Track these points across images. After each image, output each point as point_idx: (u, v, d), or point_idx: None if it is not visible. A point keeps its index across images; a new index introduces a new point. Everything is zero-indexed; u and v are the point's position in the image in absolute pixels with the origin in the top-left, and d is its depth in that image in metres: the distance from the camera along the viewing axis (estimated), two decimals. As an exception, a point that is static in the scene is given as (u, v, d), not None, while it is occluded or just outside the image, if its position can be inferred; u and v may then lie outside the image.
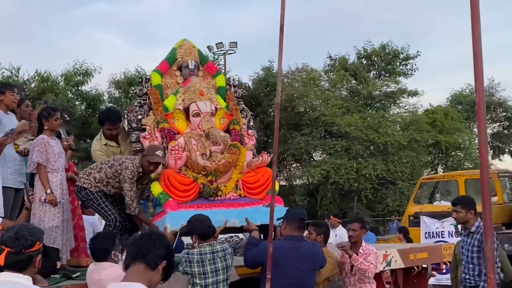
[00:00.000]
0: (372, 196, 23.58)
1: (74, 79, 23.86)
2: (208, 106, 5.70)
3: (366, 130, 22.87)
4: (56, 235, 5.15)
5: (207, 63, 6.28)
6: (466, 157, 26.41)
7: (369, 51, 27.23)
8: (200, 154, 5.54)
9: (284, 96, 24.93)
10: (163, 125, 5.59)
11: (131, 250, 2.35)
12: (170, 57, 6.07)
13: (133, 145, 5.64)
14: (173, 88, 5.94)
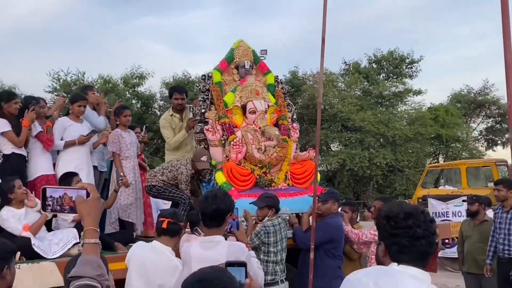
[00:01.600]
0: (382, 181, 23.49)
1: (131, 81, 24.16)
2: (262, 105, 5.66)
3: (377, 125, 22.70)
4: (130, 211, 5.33)
5: (259, 63, 6.16)
6: (464, 148, 25.99)
7: (379, 57, 26.97)
8: (256, 148, 5.48)
9: (307, 95, 24.89)
10: (224, 120, 5.52)
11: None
12: (228, 56, 5.94)
13: (197, 135, 5.61)
14: (231, 85, 5.85)
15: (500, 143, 28.00)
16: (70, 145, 4.95)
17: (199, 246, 2.93)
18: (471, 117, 28.52)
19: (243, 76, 5.83)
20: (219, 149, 5.45)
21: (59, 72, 23.63)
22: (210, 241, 2.91)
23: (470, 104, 27.70)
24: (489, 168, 12.16)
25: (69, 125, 5.04)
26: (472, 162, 13.79)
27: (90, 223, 1.66)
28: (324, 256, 4.50)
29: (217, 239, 2.91)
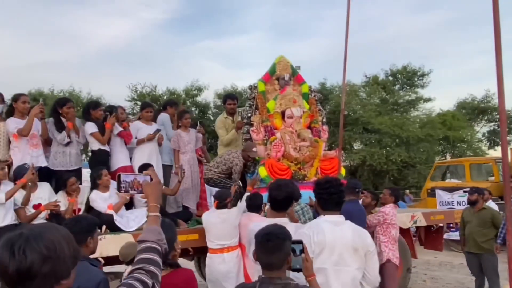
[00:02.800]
0: (397, 175, 22.83)
1: (191, 93, 24.63)
2: (298, 112, 5.66)
3: (393, 128, 22.04)
4: (186, 196, 5.39)
5: (296, 75, 6.12)
6: (468, 148, 24.93)
7: (394, 71, 26.21)
8: (292, 148, 5.46)
9: (333, 103, 24.54)
10: (266, 123, 5.55)
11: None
12: (271, 70, 5.94)
13: (244, 135, 5.70)
14: (272, 94, 5.85)
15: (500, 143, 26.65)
16: (141, 142, 5.13)
17: None
18: (475, 122, 27.23)
19: (283, 87, 5.84)
20: (261, 147, 5.47)
21: (137, 85, 24.36)
22: (278, 222, 2.66)
23: (474, 110, 26.48)
24: (489, 164, 11.65)
25: (141, 127, 5.22)
26: (475, 160, 13.23)
27: (152, 200, 1.74)
28: None
29: (284, 221, 2.77)
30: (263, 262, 1.94)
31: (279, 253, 1.92)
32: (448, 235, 9.27)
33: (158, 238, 1.59)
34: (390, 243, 4.78)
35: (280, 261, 1.93)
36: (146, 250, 1.54)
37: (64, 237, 1.18)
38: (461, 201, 9.77)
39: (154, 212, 1.70)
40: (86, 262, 2.13)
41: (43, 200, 4.20)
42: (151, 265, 1.48)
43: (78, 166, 4.82)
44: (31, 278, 1.08)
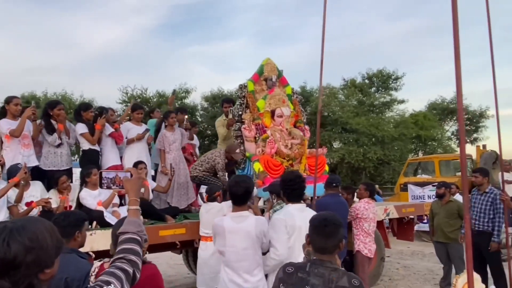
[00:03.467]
0: (373, 172, 23.18)
1: (179, 95, 24.46)
2: (287, 111, 5.70)
3: (369, 127, 22.35)
4: (169, 194, 5.30)
5: (281, 77, 6.15)
6: (439, 145, 25.43)
7: (370, 74, 26.56)
8: (283, 145, 5.47)
9: (314, 105, 24.71)
10: (257, 121, 5.54)
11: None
12: (259, 71, 5.95)
13: (235, 132, 5.65)
14: (261, 94, 5.84)
15: (468, 141, 27.21)
16: (131, 142, 5.09)
17: (231, 220, 2.85)
18: (445, 121, 27.82)
19: (271, 87, 5.86)
20: (253, 144, 5.47)
21: (127, 87, 24.11)
22: (240, 216, 2.84)
23: (444, 111, 27.03)
24: (457, 161, 11.90)
25: (131, 127, 5.18)
26: (444, 156, 13.52)
27: (132, 195, 1.76)
28: None
29: (245, 214, 2.85)
30: (318, 246, 1.93)
31: (334, 238, 1.91)
32: (419, 226, 9.43)
33: (138, 229, 1.60)
34: (362, 235, 4.93)
35: (333, 246, 1.91)
36: (127, 241, 1.55)
37: (47, 228, 1.19)
38: (431, 195, 9.95)
39: (134, 205, 1.72)
40: (75, 254, 2.12)
41: (35, 198, 4.14)
42: (131, 254, 1.50)
43: (69, 166, 4.78)
44: (15, 268, 1.09)
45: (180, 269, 7.70)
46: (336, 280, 1.79)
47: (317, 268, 1.85)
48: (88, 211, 4.18)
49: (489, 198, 5.00)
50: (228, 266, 2.82)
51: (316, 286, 1.79)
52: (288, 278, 1.87)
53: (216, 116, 6.29)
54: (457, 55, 2.11)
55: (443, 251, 5.69)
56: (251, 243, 2.76)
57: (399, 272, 7.25)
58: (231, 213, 2.92)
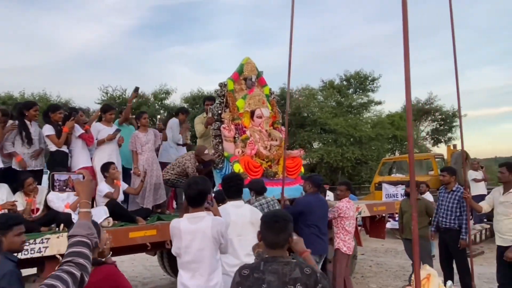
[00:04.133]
0: (351, 171, 23.43)
1: (159, 96, 24.19)
2: (267, 112, 5.65)
3: (347, 128, 22.58)
4: (141, 195, 5.22)
5: (260, 77, 6.09)
6: (414, 145, 25.87)
7: (348, 76, 26.94)
8: (263, 146, 5.42)
9: (294, 105, 24.85)
10: (237, 121, 5.46)
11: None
12: (239, 70, 5.85)
13: (214, 131, 5.53)
14: (240, 93, 5.74)
15: (443, 141, 27.92)
16: (101, 143, 5.00)
17: (187, 222, 2.77)
18: (420, 122, 28.44)
19: (250, 87, 5.80)
20: (231, 144, 5.37)
21: (108, 87, 23.68)
22: (196, 217, 2.76)
23: (419, 111, 27.64)
24: (429, 160, 12.19)
25: (101, 128, 5.09)
26: (417, 156, 13.77)
27: (83, 197, 1.73)
28: (302, 225, 4.54)
29: (202, 214, 2.77)
30: (269, 242, 2.01)
31: (284, 233, 2.00)
32: (392, 224, 9.59)
33: (88, 232, 1.58)
34: (342, 234, 5.00)
35: (284, 241, 2.00)
36: (76, 244, 1.54)
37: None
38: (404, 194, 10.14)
39: (85, 208, 1.70)
40: (2, 256, 2.06)
41: (1, 201, 4.03)
42: (80, 257, 1.48)
43: (41, 167, 4.68)
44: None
45: (156, 271, 7.62)
46: (290, 273, 1.87)
47: (271, 265, 1.90)
48: (56, 214, 4.10)
49: (456, 196, 5.11)
50: (183, 268, 2.74)
51: (272, 283, 1.84)
52: (245, 280, 1.90)
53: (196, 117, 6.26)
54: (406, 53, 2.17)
55: (412, 248, 5.79)
56: (207, 244, 2.69)
57: (372, 269, 7.37)
58: (187, 214, 2.83)
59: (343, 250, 4.98)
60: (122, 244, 4.23)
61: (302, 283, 1.85)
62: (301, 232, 4.50)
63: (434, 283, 2.79)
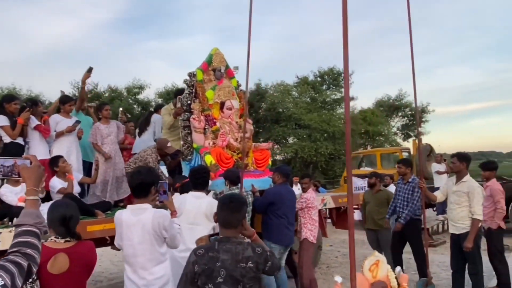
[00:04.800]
0: (325, 166, 23.78)
1: (133, 90, 23.78)
2: (236, 104, 5.58)
3: (321, 123, 22.90)
4: (103, 188, 5.05)
5: (228, 69, 5.98)
6: (385, 140, 26.57)
7: (322, 72, 27.23)
8: (233, 138, 5.35)
9: (269, 101, 24.94)
10: (207, 112, 5.34)
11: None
12: (208, 60, 5.73)
13: (183, 122, 5.39)
14: (209, 84, 5.62)
15: (412, 135, 28.68)
16: (60, 135, 4.84)
17: (130, 213, 2.67)
18: (391, 117, 29.11)
19: (219, 78, 5.70)
20: (201, 136, 5.27)
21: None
22: (138, 208, 2.64)
23: (390, 107, 28.29)
24: (397, 154, 12.48)
25: (60, 120, 4.91)
26: (385, 150, 14.15)
27: (30, 184, 1.61)
28: (272, 216, 4.55)
29: (144, 206, 2.64)
30: (223, 220, 2.12)
31: (238, 213, 2.12)
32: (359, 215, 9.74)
33: (36, 221, 1.49)
34: (309, 223, 5.05)
35: (237, 221, 2.11)
36: (23, 233, 1.45)
37: None
38: (368, 186, 10.33)
39: (32, 196, 1.58)
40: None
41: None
42: (27, 248, 1.40)
43: None
44: None
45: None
46: (242, 252, 1.99)
47: (225, 245, 2.01)
48: (9, 208, 3.94)
49: (410, 187, 5.27)
50: (126, 262, 2.65)
51: (226, 261, 1.95)
52: (200, 259, 1.99)
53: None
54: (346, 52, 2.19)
55: (374, 237, 5.93)
56: (147, 238, 2.57)
57: (338, 260, 7.48)
58: (131, 206, 2.73)
59: (310, 239, 5.04)
60: (80, 238, 4.13)
61: (254, 261, 1.98)
62: (271, 222, 4.53)
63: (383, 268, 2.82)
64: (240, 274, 1.95)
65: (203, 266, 1.95)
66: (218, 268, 1.95)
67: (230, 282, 1.94)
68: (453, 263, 4.63)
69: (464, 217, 4.39)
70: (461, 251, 4.38)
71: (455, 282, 4.61)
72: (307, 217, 5.06)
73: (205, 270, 1.95)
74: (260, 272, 2.04)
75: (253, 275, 1.98)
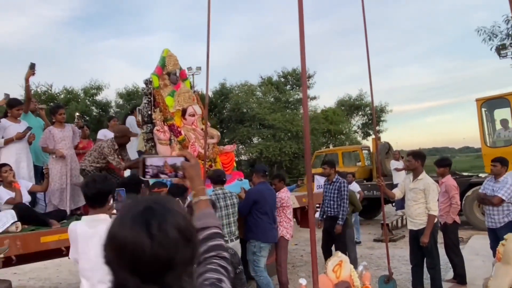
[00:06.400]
0: (289, 165, 24.05)
1: (90, 91, 22.87)
2: (199, 110, 5.40)
3: (285, 123, 23.18)
4: (58, 196, 4.73)
5: (181, 70, 5.78)
6: (346, 138, 27.28)
7: (285, 73, 27.54)
8: (201, 146, 5.15)
9: (233, 101, 24.88)
10: (171, 122, 5.09)
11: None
12: (162, 64, 5.47)
13: (146, 135, 5.13)
14: (165, 89, 5.35)
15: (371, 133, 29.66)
16: (9, 141, 4.52)
17: (85, 225, 2.51)
18: (351, 116, 29.93)
19: (175, 83, 5.47)
20: (167, 147, 5.02)
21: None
22: (95, 219, 2.48)
23: (351, 107, 29.08)
24: (357, 152, 12.81)
25: (8, 125, 4.59)
26: (346, 148, 14.49)
27: (199, 183, 1.42)
28: (256, 214, 4.63)
29: (101, 217, 2.47)
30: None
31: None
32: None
33: (218, 222, 1.33)
34: (285, 221, 5.15)
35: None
36: (214, 236, 1.27)
37: None
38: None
39: (203, 195, 1.38)
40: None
41: None
42: (223, 251, 1.25)
43: None
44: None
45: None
46: None
47: None
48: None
49: (335, 186, 5.56)
50: (83, 276, 2.47)
51: None
52: None
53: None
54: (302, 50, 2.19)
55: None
56: None
57: (303, 259, 7.55)
58: (86, 217, 2.56)
59: (286, 237, 5.15)
60: (33, 250, 3.86)
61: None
62: (256, 222, 4.59)
63: (346, 268, 2.87)
64: None
65: None
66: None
67: None
68: (412, 258, 4.78)
69: (421, 213, 4.54)
70: (419, 246, 4.54)
71: (415, 276, 4.77)
72: (282, 215, 5.15)
73: None
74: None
75: None
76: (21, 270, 7.22)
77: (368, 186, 10.28)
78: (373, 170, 11.41)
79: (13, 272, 6.15)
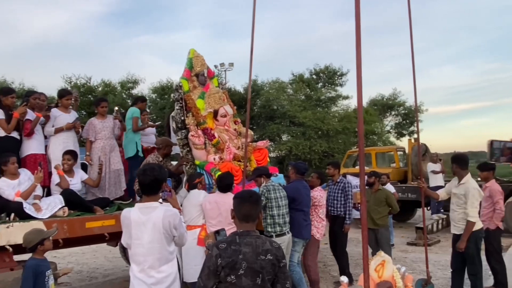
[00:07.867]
0: (319, 164, 23.73)
1: (127, 85, 23.53)
2: (230, 110, 5.36)
3: (316, 121, 22.92)
4: (101, 186, 4.96)
5: (208, 69, 5.71)
6: (379, 139, 26.69)
7: (317, 70, 27.23)
8: (235, 147, 5.14)
9: (264, 98, 24.89)
10: (204, 126, 5.06)
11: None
12: (189, 66, 5.42)
13: (182, 141, 5.09)
14: (195, 92, 5.30)
15: (406, 134, 28.87)
16: (59, 131, 4.73)
17: (139, 211, 2.58)
18: (384, 116, 29.25)
19: (204, 84, 5.43)
20: (203, 152, 5.01)
21: (71, 76, 22.78)
22: (148, 207, 2.57)
23: (383, 106, 28.41)
24: (391, 153, 12.53)
25: (58, 115, 4.80)
26: (380, 149, 14.16)
27: None
28: (292, 211, 4.71)
29: (154, 205, 2.58)
30: (244, 214, 2.17)
31: (257, 206, 2.21)
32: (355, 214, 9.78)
33: None
34: (316, 221, 5.16)
35: (256, 214, 2.19)
36: None
37: None
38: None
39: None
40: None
41: None
42: None
43: None
44: None
45: (118, 262, 7.41)
46: (262, 245, 2.10)
47: (245, 238, 2.10)
48: (6, 203, 3.86)
49: (339, 186, 5.61)
50: (134, 261, 2.59)
51: (247, 253, 2.05)
52: (223, 252, 2.05)
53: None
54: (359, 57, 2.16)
55: (372, 236, 5.92)
56: (157, 236, 2.51)
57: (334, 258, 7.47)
58: (139, 204, 2.64)
59: (316, 236, 5.14)
60: (78, 234, 4.06)
61: (272, 253, 2.08)
62: (293, 217, 4.68)
63: (389, 269, 2.83)
64: (260, 266, 2.05)
65: (227, 259, 2.03)
66: (240, 260, 2.04)
67: (250, 273, 2.03)
68: (453, 262, 4.65)
69: (463, 218, 4.41)
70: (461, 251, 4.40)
71: (454, 281, 4.63)
72: (314, 214, 5.14)
73: (229, 262, 2.03)
74: (278, 264, 2.10)
75: (271, 267, 2.08)
76: (60, 254, 7.58)
77: (402, 188, 10.04)
78: (408, 172, 11.12)
79: (53, 256, 6.45)
